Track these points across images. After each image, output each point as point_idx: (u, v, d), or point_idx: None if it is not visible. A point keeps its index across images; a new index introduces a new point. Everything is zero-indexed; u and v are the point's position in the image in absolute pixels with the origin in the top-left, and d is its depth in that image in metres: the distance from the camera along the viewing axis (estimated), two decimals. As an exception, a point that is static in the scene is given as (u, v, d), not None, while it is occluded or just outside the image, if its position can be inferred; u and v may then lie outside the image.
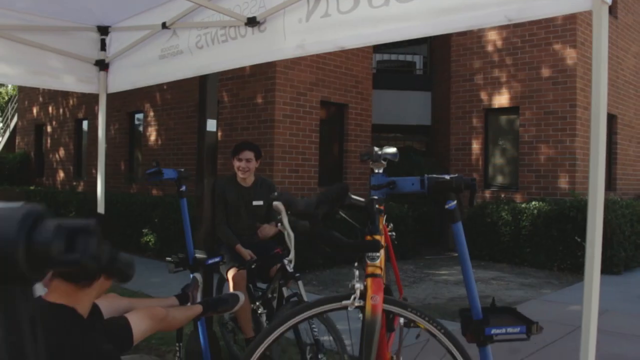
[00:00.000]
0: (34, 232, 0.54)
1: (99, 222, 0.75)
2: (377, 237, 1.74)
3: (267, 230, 4.24)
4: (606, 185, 11.52)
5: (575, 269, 8.91)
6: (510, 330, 2.00)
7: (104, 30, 3.82)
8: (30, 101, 19.62)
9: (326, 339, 3.68)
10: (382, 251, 1.67)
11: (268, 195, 4.37)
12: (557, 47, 10.57)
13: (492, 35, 11.36)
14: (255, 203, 4.28)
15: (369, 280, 1.63)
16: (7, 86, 37.17)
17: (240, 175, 4.20)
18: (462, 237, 2.10)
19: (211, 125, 4.22)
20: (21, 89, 20.76)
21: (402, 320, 1.93)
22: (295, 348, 4.10)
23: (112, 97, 13.67)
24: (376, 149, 2.08)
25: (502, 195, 10.99)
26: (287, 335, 3.84)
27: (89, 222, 0.59)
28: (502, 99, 11.28)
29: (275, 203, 1.61)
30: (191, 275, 3.34)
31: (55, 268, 0.59)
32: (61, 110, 17.53)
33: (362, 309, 1.62)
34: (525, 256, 9.66)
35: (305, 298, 3.57)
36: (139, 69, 3.59)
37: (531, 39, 10.86)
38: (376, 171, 2.04)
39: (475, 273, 4.95)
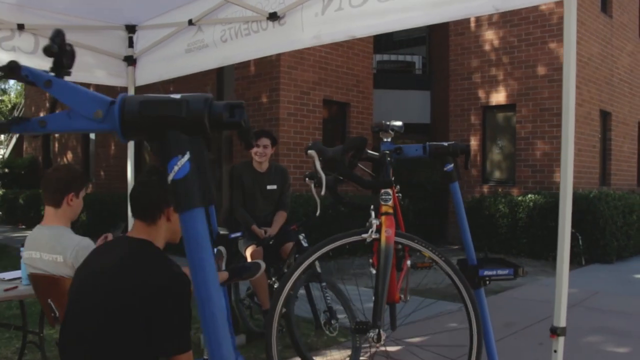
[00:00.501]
0: (212, 106, 0.93)
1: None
2: (388, 191, 2.12)
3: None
4: (600, 180, 11.94)
5: (569, 258, 9.25)
6: (500, 272, 2.37)
7: (131, 29, 4.20)
8: (37, 107, 20.01)
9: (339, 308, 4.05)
10: (393, 192, 2.05)
11: (282, 180, 4.75)
12: (552, 45, 10.95)
13: (489, 35, 11.76)
14: (269, 187, 4.65)
15: (383, 218, 2.01)
16: (9, 94, 37.58)
17: (257, 159, 4.57)
18: (458, 196, 2.47)
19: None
20: (27, 96, 21.18)
21: (409, 262, 2.30)
22: (309, 324, 4.48)
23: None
24: (384, 121, 2.45)
25: (500, 190, 11.35)
26: (303, 308, 4.21)
27: (241, 101, 1.00)
28: (499, 97, 11.66)
29: (309, 151, 1.99)
30: (215, 249, 3.70)
31: (223, 129, 0.99)
32: (68, 114, 17.91)
33: (378, 240, 1.99)
34: (522, 247, 10.02)
35: (318, 269, 3.94)
36: (166, 62, 3.98)
37: (527, 38, 11.24)
38: (385, 140, 2.41)
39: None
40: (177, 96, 0.94)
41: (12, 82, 34.27)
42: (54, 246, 2.80)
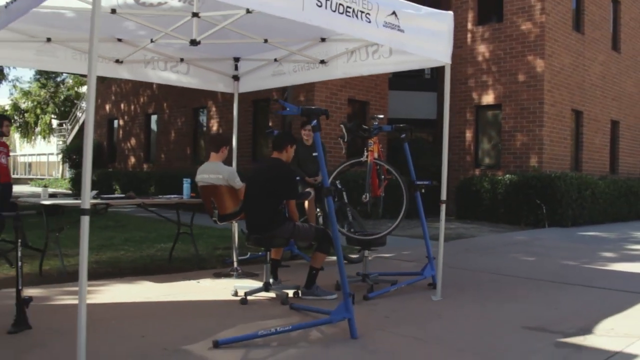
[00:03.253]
0: (318, 110, 3.96)
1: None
2: (372, 140, 5.17)
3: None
4: (573, 166, 14.80)
5: (535, 222, 12.18)
6: (424, 182, 5.35)
7: (237, 59, 7.25)
8: (102, 99, 23.34)
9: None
10: (375, 143, 5.09)
11: (320, 150, 7.77)
12: (530, 58, 13.81)
13: (482, 48, 14.63)
14: (314, 154, 7.67)
15: (369, 153, 5.05)
16: (64, 84, 41.01)
17: (305, 138, 7.60)
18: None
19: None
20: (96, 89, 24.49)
21: (383, 176, 5.34)
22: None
23: (179, 96, 17.63)
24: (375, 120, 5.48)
25: (488, 172, 14.24)
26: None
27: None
28: (488, 98, 14.54)
29: (341, 125, 5.03)
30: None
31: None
32: (132, 107, 21.22)
33: (366, 162, 5.03)
34: (501, 216, 12.91)
35: (345, 199, 6.96)
36: (259, 81, 7.05)
37: (511, 51, 14.11)
38: (374, 123, 5.44)
39: (461, 226, 9.00)
40: (312, 107, 3.85)
41: (65, 74, 37.83)
42: (216, 170, 5.83)
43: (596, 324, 4.33)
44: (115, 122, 22.56)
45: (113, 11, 4.92)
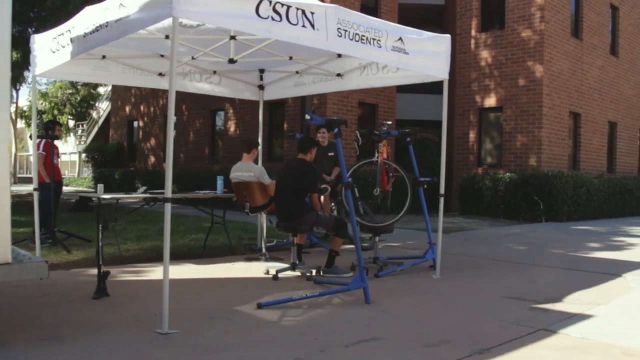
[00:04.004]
0: (339, 120, 4.93)
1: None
2: (382, 143, 6.15)
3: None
4: (571, 165, 15.71)
5: (532, 218, 13.09)
6: (427, 179, 6.30)
7: (262, 71, 8.21)
8: (122, 101, 24.44)
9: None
10: (385, 146, 6.05)
11: (335, 150, 8.73)
12: (529, 63, 14.70)
13: (485, 54, 15.54)
14: (329, 154, 8.63)
15: (379, 154, 6.00)
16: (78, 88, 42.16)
17: (320, 140, 8.55)
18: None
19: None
20: (114, 91, 25.67)
21: (391, 174, 6.30)
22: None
23: (197, 99, 18.64)
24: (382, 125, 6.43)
25: (490, 171, 15.14)
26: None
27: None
28: (491, 101, 15.45)
29: (356, 131, 5.97)
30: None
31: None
32: (151, 109, 22.28)
33: (377, 162, 5.98)
34: (501, 211, 13.83)
35: (357, 194, 7.92)
36: (281, 90, 8.02)
37: (512, 57, 15.01)
38: (383, 128, 6.39)
39: (463, 221, 10.09)
40: (334, 118, 4.80)
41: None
42: (248, 169, 6.79)
43: (566, 296, 5.27)
44: (135, 123, 23.62)
45: (167, 37, 5.92)
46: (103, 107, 34.57)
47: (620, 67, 18.13)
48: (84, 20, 5.17)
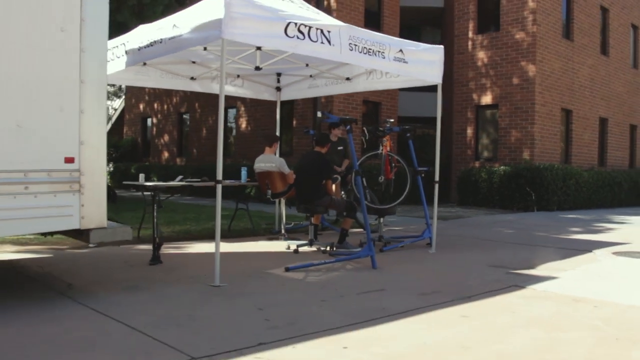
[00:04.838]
0: (349, 119, 5.98)
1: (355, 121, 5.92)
2: (385, 138, 7.22)
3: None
4: (563, 159, 16.75)
5: (525, 207, 14.15)
6: (423, 168, 7.36)
7: (279, 74, 9.27)
8: (136, 99, 25.51)
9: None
10: (388, 140, 7.11)
11: (344, 144, 9.79)
12: (523, 63, 15.73)
13: (481, 54, 16.57)
14: (338, 148, 9.68)
15: (383, 148, 7.07)
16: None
17: (332, 136, 9.61)
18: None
19: (317, 114, 9.66)
20: (129, 89, 26.73)
21: (393, 164, 7.36)
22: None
23: (209, 97, 19.76)
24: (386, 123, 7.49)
25: (487, 164, 16.19)
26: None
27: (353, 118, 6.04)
28: (487, 99, 16.49)
29: (363, 128, 7.05)
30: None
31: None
32: (165, 106, 23.35)
33: (381, 154, 7.04)
34: (496, 202, 14.89)
35: (364, 183, 8.99)
36: (297, 91, 9.09)
37: (507, 57, 16.04)
38: (386, 125, 7.45)
39: (460, 210, 11.29)
40: (347, 117, 5.83)
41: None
42: (270, 160, 7.84)
43: (540, 265, 6.35)
44: (149, 120, 24.71)
45: (205, 49, 7.00)
46: (115, 105, 35.68)
47: (611, 66, 19.14)
48: (138, 36, 6.24)
